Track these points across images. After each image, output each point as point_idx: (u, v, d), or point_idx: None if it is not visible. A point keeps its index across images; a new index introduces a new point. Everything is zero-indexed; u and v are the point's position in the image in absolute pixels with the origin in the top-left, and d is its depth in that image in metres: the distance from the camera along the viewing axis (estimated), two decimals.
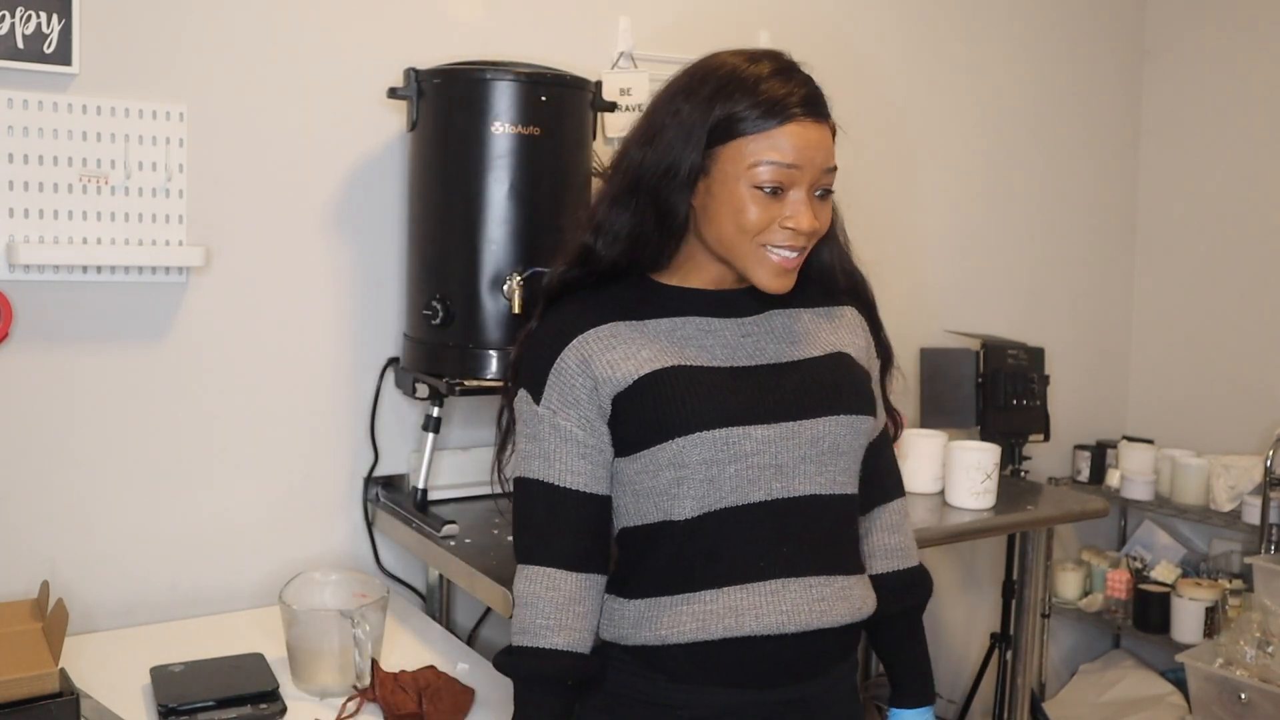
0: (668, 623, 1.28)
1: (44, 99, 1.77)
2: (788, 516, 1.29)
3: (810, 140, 1.26)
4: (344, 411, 2.11)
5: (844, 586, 1.32)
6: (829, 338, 1.38)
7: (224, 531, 2.01)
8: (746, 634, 1.26)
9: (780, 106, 1.25)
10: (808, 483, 1.30)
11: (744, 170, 1.26)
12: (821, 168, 1.28)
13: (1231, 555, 3.18)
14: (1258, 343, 3.20)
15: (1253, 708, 2.68)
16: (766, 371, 1.31)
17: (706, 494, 1.27)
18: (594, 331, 1.31)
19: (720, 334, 1.33)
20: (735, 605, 1.27)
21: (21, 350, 1.81)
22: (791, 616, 1.27)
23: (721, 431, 1.26)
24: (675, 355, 1.30)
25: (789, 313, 1.38)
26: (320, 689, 1.60)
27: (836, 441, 1.31)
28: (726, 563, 1.27)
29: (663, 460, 1.27)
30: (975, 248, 3.10)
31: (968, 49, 3.01)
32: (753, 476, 1.27)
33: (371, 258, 2.11)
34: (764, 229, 1.27)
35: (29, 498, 1.83)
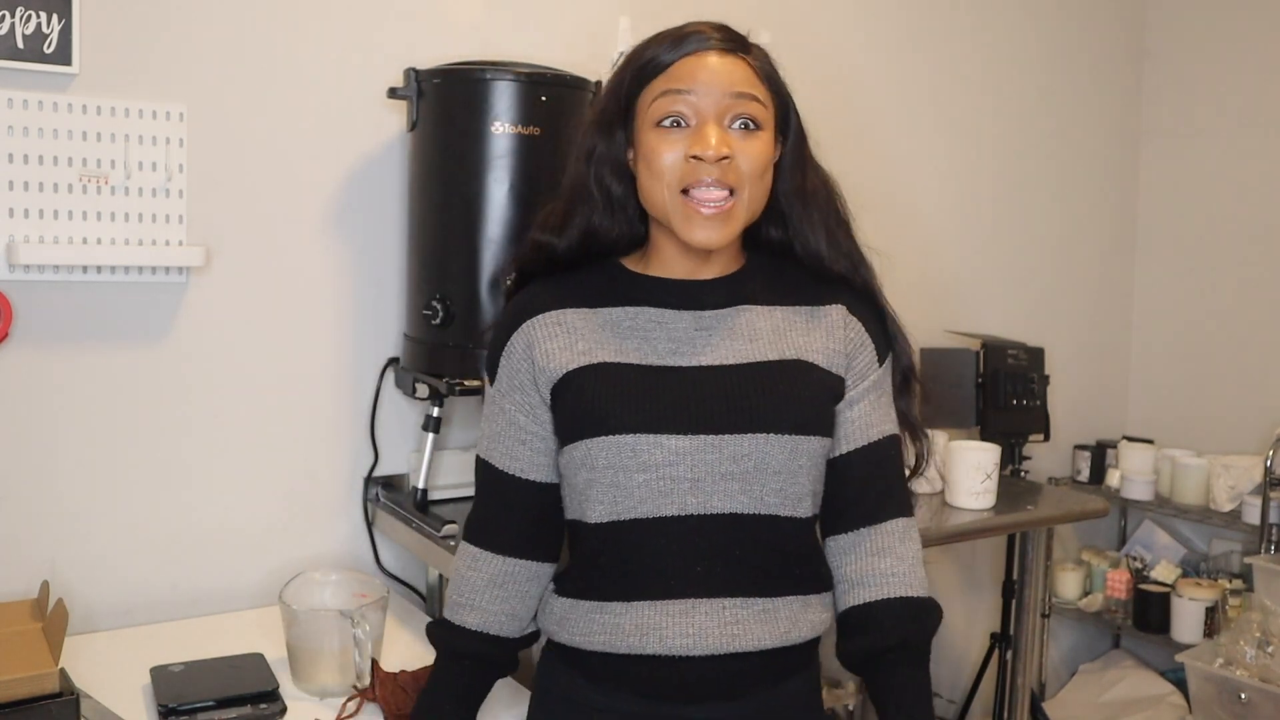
0: (582, 629, 1.27)
1: (44, 99, 1.77)
2: (703, 534, 1.21)
3: (710, 65, 1.21)
4: (344, 411, 2.11)
5: (766, 609, 1.23)
6: (797, 340, 1.28)
7: (224, 531, 2.00)
8: (651, 653, 1.22)
9: (678, 45, 1.23)
10: (728, 501, 1.21)
11: (648, 113, 1.24)
12: (726, 91, 1.21)
13: (1231, 555, 3.18)
14: (1258, 343, 3.20)
15: (1253, 708, 2.68)
16: (704, 375, 1.24)
17: (616, 501, 1.22)
18: (543, 317, 1.30)
19: (672, 327, 1.27)
20: (642, 623, 1.22)
21: (21, 350, 1.81)
22: (699, 640, 1.21)
23: (629, 438, 1.21)
24: (611, 350, 1.26)
25: (761, 310, 1.30)
26: (320, 689, 1.60)
27: (764, 460, 1.21)
28: (637, 576, 1.23)
29: (578, 459, 1.25)
30: (975, 248, 3.10)
31: (967, 49, 3.01)
32: (665, 489, 1.21)
33: (371, 258, 2.11)
34: (673, 167, 1.21)
35: (29, 498, 1.83)
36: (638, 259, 1.35)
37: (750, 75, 1.24)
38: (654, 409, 1.21)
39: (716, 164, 1.20)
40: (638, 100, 1.26)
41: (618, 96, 1.28)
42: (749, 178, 1.22)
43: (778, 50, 1.34)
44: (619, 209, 1.31)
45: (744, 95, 1.22)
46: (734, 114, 1.22)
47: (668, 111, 1.21)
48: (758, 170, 1.23)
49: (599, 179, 1.30)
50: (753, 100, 1.23)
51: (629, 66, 1.28)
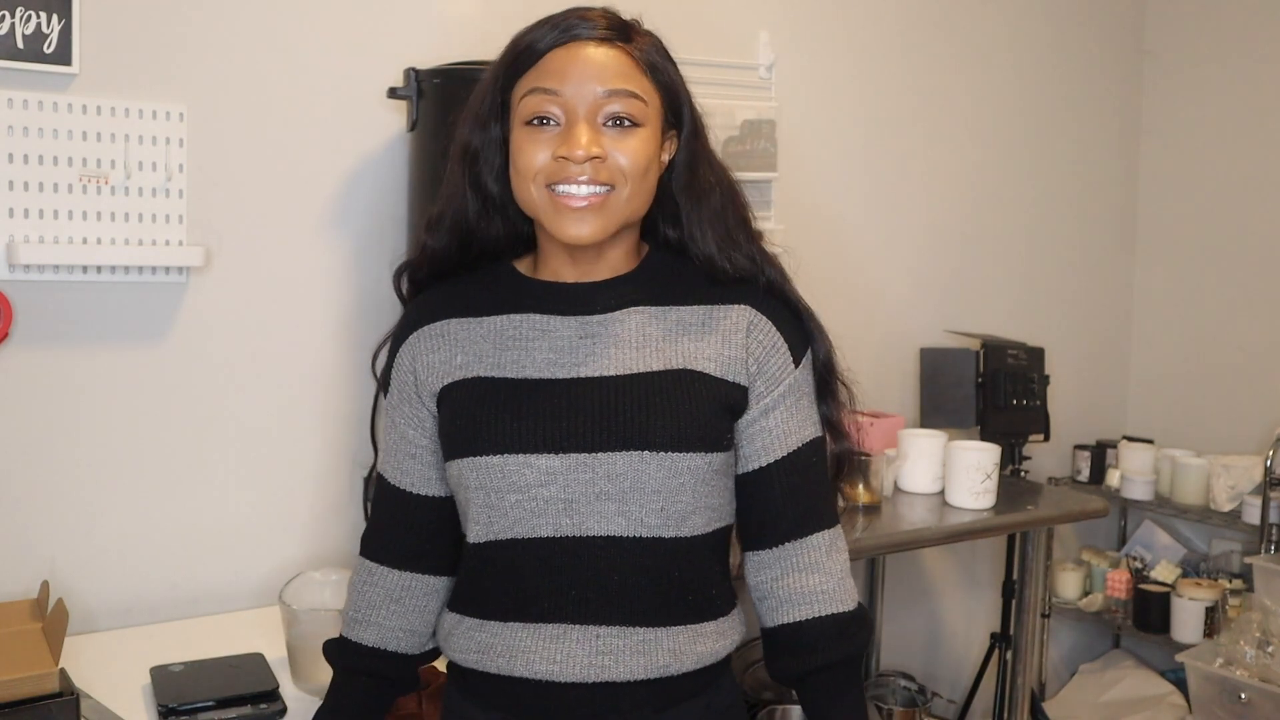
0: (459, 645, 1.24)
1: (44, 99, 1.77)
2: (578, 557, 1.16)
3: (582, 59, 1.14)
4: (344, 411, 2.10)
5: (645, 640, 1.17)
6: (689, 346, 1.20)
7: (224, 531, 2.00)
8: (519, 676, 1.18)
9: (549, 37, 1.16)
10: (604, 523, 1.15)
11: (517, 110, 1.17)
12: (598, 89, 1.13)
13: (1231, 555, 3.18)
14: (1258, 343, 3.20)
15: (1253, 708, 2.68)
16: (579, 388, 1.17)
17: (491, 520, 1.19)
18: (426, 329, 1.26)
19: (554, 335, 1.20)
20: (512, 645, 1.18)
21: (21, 350, 1.81)
22: (565, 667, 1.16)
23: (498, 458, 1.16)
24: (487, 364, 1.21)
25: (655, 311, 1.21)
26: (320, 689, 1.59)
27: (641, 480, 1.14)
28: (513, 597, 1.19)
29: (453, 478, 1.22)
30: (975, 247, 3.10)
31: (967, 48, 3.01)
32: (537, 509, 1.16)
33: (371, 258, 2.11)
34: (540, 167, 1.14)
35: (29, 498, 1.83)
36: (529, 262, 1.28)
37: (628, 68, 1.16)
38: (524, 427, 1.16)
39: (587, 164, 1.13)
40: (511, 93, 1.19)
41: (494, 89, 1.21)
42: (628, 174, 1.15)
43: (777, 51, 1.33)
44: (496, 209, 1.24)
45: (619, 92, 1.14)
46: (607, 112, 1.14)
47: (536, 111, 1.14)
48: (637, 168, 1.15)
49: (473, 177, 1.23)
50: (629, 97, 1.15)
51: (504, 56, 1.20)
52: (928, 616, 3.09)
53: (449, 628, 1.27)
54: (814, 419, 1.26)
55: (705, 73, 2.41)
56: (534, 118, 1.15)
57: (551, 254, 1.23)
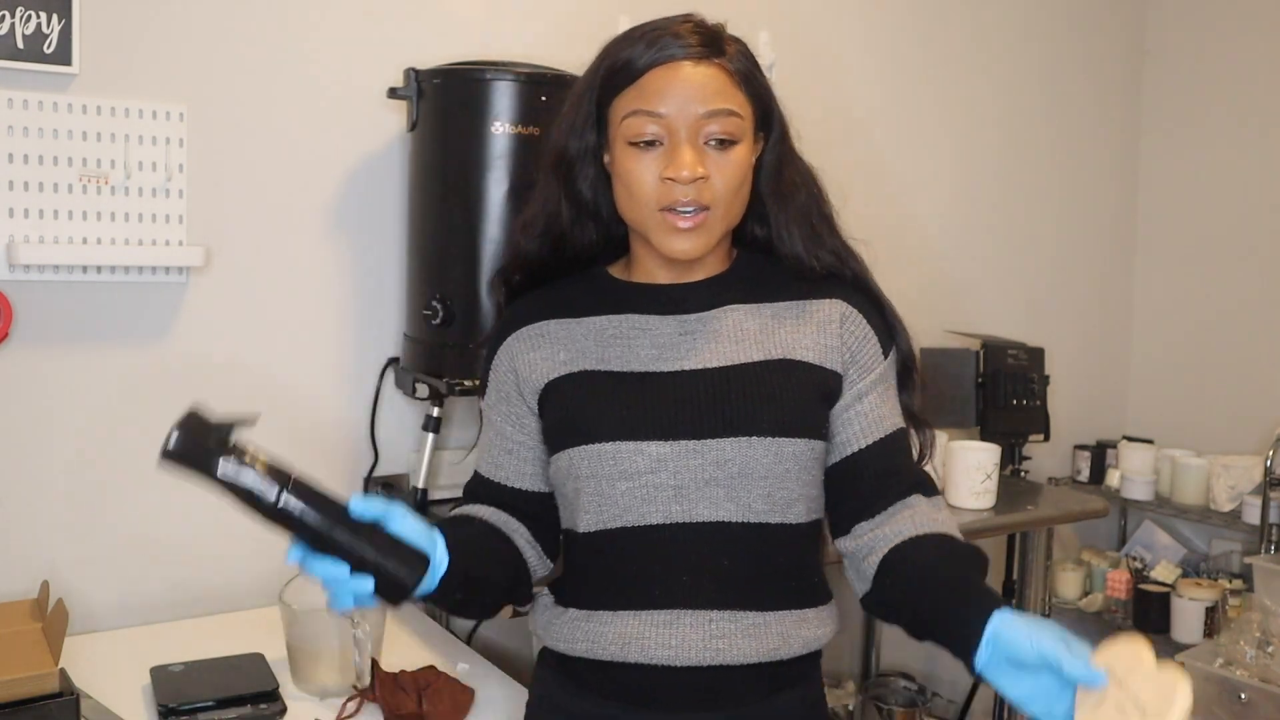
0: (567, 635, 1.25)
1: (44, 99, 1.77)
2: (688, 543, 1.19)
3: (678, 81, 1.16)
4: (344, 411, 2.10)
5: (754, 624, 1.20)
6: (787, 337, 1.24)
7: (224, 531, 2.00)
8: (633, 662, 1.20)
9: (647, 54, 1.18)
10: (714, 508, 1.18)
11: (620, 128, 1.19)
12: (698, 112, 1.16)
13: (1231, 555, 3.18)
14: (1258, 343, 3.20)
15: (1253, 708, 2.67)
16: (685, 379, 1.21)
17: (601, 509, 1.21)
18: (524, 330, 1.29)
19: (655, 333, 1.24)
20: (624, 632, 1.20)
21: (21, 350, 1.81)
22: (681, 651, 1.18)
23: (610, 445, 1.19)
24: (592, 359, 1.24)
25: (749, 308, 1.26)
26: (320, 689, 1.60)
27: (749, 465, 1.18)
28: (623, 586, 1.21)
29: (563, 469, 1.24)
30: (975, 248, 3.10)
31: (967, 49, 3.01)
32: (647, 496, 1.19)
33: (371, 258, 2.11)
34: (650, 189, 1.18)
35: (29, 498, 1.83)
36: (622, 266, 1.32)
37: (725, 85, 1.19)
38: (634, 415, 1.19)
39: (692, 184, 1.17)
40: (610, 108, 1.22)
41: (590, 100, 1.24)
42: (724, 194, 1.19)
43: (777, 51, 1.33)
44: (591, 214, 1.28)
45: (719, 112, 1.17)
46: (707, 132, 1.17)
47: (640, 133, 1.18)
48: (734, 185, 1.20)
49: (568, 185, 1.27)
50: (728, 116, 1.18)
51: (599, 68, 1.23)
52: None
53: (550, 619, 1.28)
54: (898, 410, 1.29)
55: None
56: (638, 139, 1.18)
57: (647, 258, 1.28)
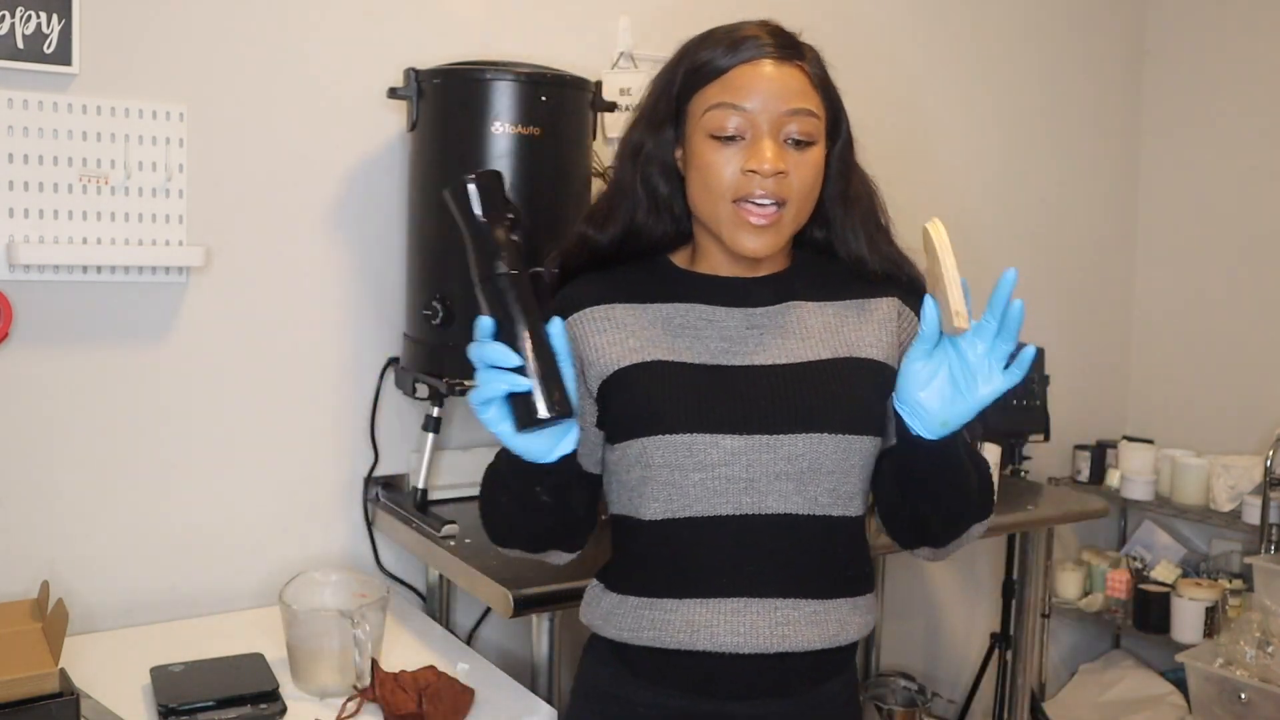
0: (630, 624, 1.26)
1: (44, 99, 1.77)
2: (757, 534, 1.22)
3: (764, 78, 1.20)
4: (344, 411, 2.11)
5: (816, 612, 1.24)
6: (850, 335, 1.28)
7: (224, 531, 2.00)
8: (701, 649, 1.22)
9: (732, 51, 1.22)
10: (782, 501, 1.22)
11: (701, 120, 1.22)
12: (782, 109, 1.19)
13: (1231, 555, 3.18)
14: (1258, 343, 3.20)
15: (1253, 708, 2.68)
16: (756, 374, 1.23)
17: (671, 498, 1.22)
18: (589, 311, 1.28)
19: (722, 325, 1.27)
20: (692, 620, 1.22)
21: (21, 350, 1.81)
22: (748, 638, 1.21)
23: (687, 437, 1.20)
24: (663, 348, 1.25)
25: (812, 306, 1.29)
26: (320, 689, 1.60)
27: (818, 460, 1.21)
28: (689, 574, 1.23)
29: (632, 457, 1.24)
30: (975, 247, 3.09)
31: (967, 49, 3.01)
32: (719, 488, 1.21)
33: (371, 258, 2.11)
34: (728, 181, 1.20)
35: (29, 498, 1.83)
36: (685, 255, 1.33)
37: (805, 86, 1.22)
38: (710, 408, 1.21)
39: (771, 178, 1.19)
40: (690, 103, 1.25)
41: (668, 96, 1.27)
42: (799, 192, 1.22)
43: None
44: (664, 208, 1.30)
45: (800, 111, 1.21)
46: (787, 131, 1.21)
47: (723, 125, 1.20)
48: (808, 185, 1.23)
49: (645, 178, 1.29)
50: (808, 115, 1.21)
51: (680, 66, 1.26)
52: (928, 616, 3.09)
53: (609, 608, 1.29)
54: None
55: None
56: (720, 133, 1.20)
57: (713, 251, 1.30)
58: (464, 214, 1.08)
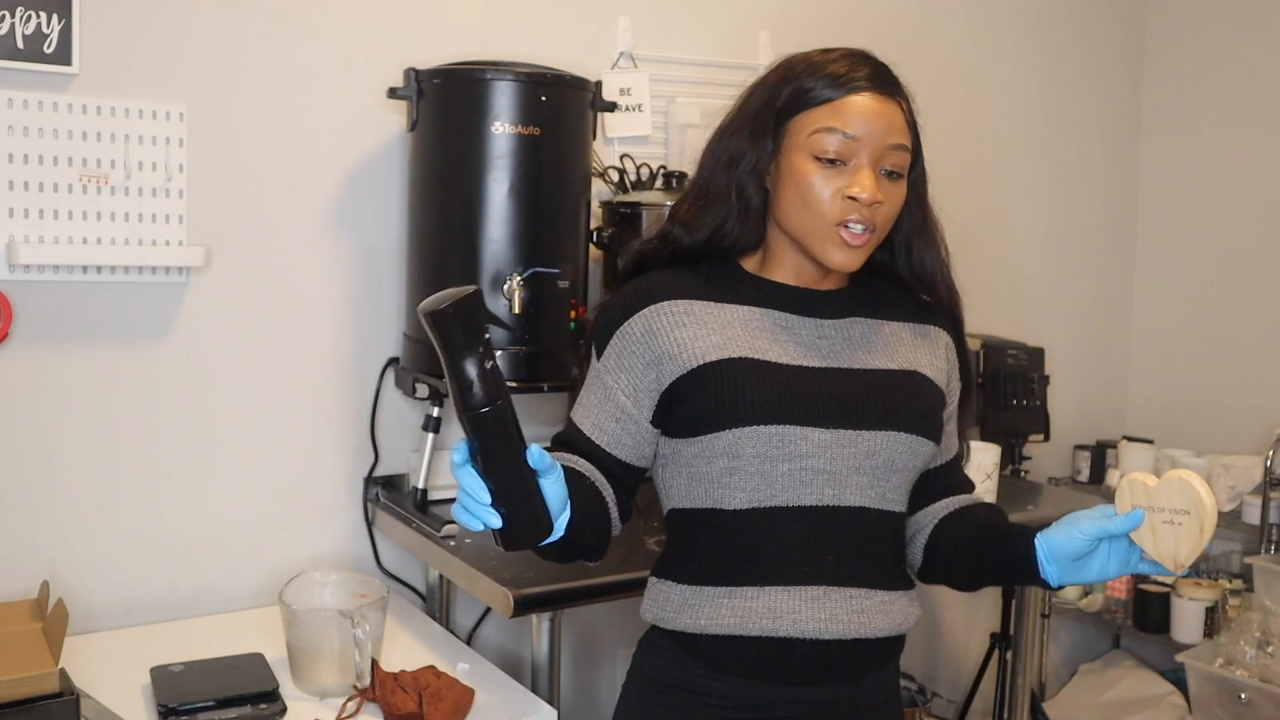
0: (708, 613, 1.29)
1: (44, 99, 1.77)
2: (837, 524, 1.28)
3: (871, 111, 1.26)
4: (344, 411, 2.11)
5: (885, 601, 1.31)
6: (908, 354, 1.36)
7: (224, 531, 2.00)
8: (783, 635, 1.27)
9: (842, 80, 1.28)
10: (860, 494, 1.29)
11: (805, 141, 1.27)
12: (885, 142, 1.27)
13: (1231, 555, 3.18)
14: (1258, 343, 3.20)
15: (1253, 708, 2.68)
16: (834, 375, 1.30)
17: (758, 488, 1.27)
18: (668, 304, 1.31)
19: (796, 331, 1.32)
20: (774, 606, 1.27)
21: (21, 350, 1.81)
22: (829, 625, 1.27)
23: (778, 428, 1.25)
24: (746, 346, 1.29)
25: (872, 323, 1.36)
26: (320, 689, 1.60)
27: (892, 458, 1.29)
28: (771, 562, 1.28)
29: (718, 448, 1.27)
30: (975, 247, 3.09)
31: (967, 50, 3.01)
32: (805, 479, 1.27)
33: (371, 258, 2.11)
34: (828, 203, 1.26)
35: (29, 498, 1.83)
36: (755, 261, 1.37)
37: (902, 122, 1.30)
38: (798, 403, 1.26)
39: (870, 206, 1.26)
40: (791, 121, 1.29)
41: (770, 111, 1.31)
42: (887, 220, 1.30)
43: (776, 50, 1.35)
44: (754, 217, 1.34)
45: (898, 146, 1.28)
46: (886, 163, 1.27)
47: (826, 149, 1.26)
48: (895, 214, 1.31)
49: (740, 187, 1.33)
50: (904, 150, 1.29)
51: (785, 85, 1.30)
52: (928, 616, 3.09)
53: (681, 599, 1.31)
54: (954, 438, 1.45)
55: (705, 73, 2.41)
56: (824, 155, 1.26)
57: (786, 260, 1.35)
58: (442, 343, 1.08)
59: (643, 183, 2.24)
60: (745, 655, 1.28)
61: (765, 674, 1.29)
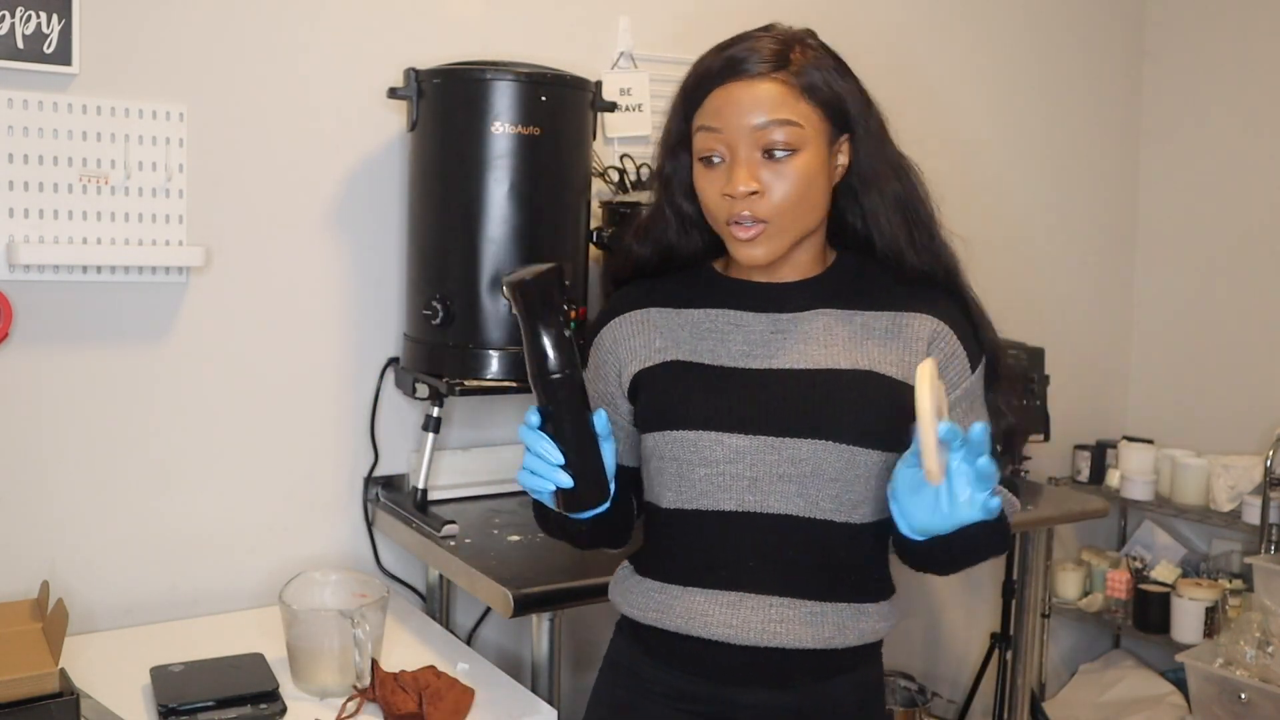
0: (640, 603, 1.33)
1: (44, 99, 1.77)
2: (759, 531, 1.25)
3: (730, 99, 1.22)
4: (344, 411, 2.11)
5: (814, 613, 1.26)
6: (873, 350, 1.28)
7: (224, 531, 2.00)
8: (696, 636, 1.28)
9: (707, 75, 1.26)
10: (785, 502, 1.25)
11: (695, 146, 1.28)
12: (749, 125, 1.21)
13: (1231, 555, 3.18)
14: (1258, 343, 3.20)
15: (1253, 708, 2.68)
16: (771, 378, 1.26)
17: (681, 490, 1.28)
18: (628, 315, 1.37)
19: (748, 329, 1.30)
20: (691, 606, 1.28)
21: (21, 350, 1.81)
22: (740, 631, 1.26)
23: (693, 433, 1.26)
24: (686, 349, 1.31)
25: (841, 314, 1.30)
26: (320, 689, 1.60)
27: (821, 467, 1.23)
28: (691, 562, 1.29)
29: (649, 449, 1.32)
30: (975, 248, 3.08)
31: (967, 49, 3.01)
32: (724, 484, 1.26)
33: (371, 258, 2.11)
34: (716, 204, 1.25)
35: (29, 498, 1.83)
36: (725, 261, 1.38)
37: (783, 96, 1.22)
38: (719, 408, 1.26)
39: (746, 200, 1.22)
40: (691, 124, 1.29)
41: (679, 119, 1.32)
42: (782, 206, 1.23)
43: None
44: (693, 225, 1.35)
45: (772, 123, 1.21)
46: (765, 144, 1.22)
47: (704, 149, 1.25)
48: (795, 194, 1.23)
49: (670, 200, 1.35)
50: (783, 125, 1.22)
51: (681, 89, 1.31)
52: (928, 616, 3.09)
53: (628, 587, 1.37)
54: (985, 419, 1.33)
55: None
56: (704, 155, 1.26)
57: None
58: (525, 312, 1.15)
59: (643, 183, 2.24)
60: (671, 648, 1.31)
61: (689, 669, 1.31)
